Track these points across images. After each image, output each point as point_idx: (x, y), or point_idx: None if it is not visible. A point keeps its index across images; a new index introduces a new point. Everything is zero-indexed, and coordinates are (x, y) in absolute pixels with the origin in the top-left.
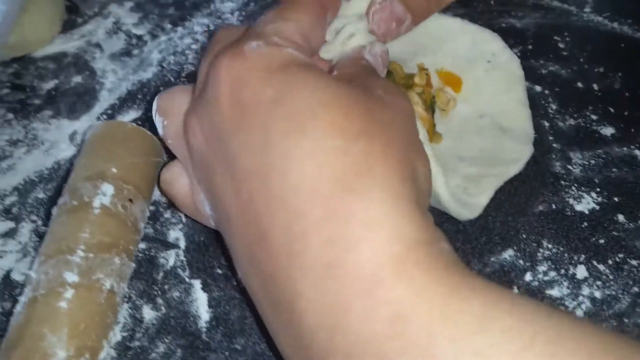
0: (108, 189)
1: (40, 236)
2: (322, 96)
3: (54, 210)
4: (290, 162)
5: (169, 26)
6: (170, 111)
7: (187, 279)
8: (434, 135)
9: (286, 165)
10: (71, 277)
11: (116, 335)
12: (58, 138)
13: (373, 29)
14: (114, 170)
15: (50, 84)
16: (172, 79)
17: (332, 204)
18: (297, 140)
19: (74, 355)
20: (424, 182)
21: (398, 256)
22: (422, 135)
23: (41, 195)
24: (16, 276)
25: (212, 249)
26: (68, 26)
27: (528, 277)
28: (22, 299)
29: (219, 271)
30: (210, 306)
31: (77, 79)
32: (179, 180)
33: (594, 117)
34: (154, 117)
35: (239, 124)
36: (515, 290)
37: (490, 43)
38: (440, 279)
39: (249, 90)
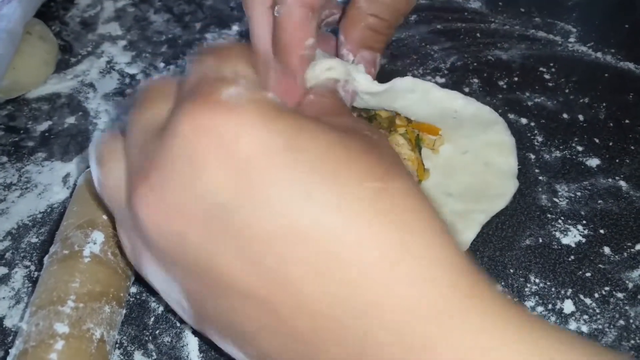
0: (98, 236)
1: (33, 282)
2: (336, 141)
3: (46, 259)
4: (331, 214)
5: (161, 64)
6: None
7: (178, 323)
8: (424, 172)
9: (327, 218)
10: (62, 327)
11: None
12: (51, 181)
13: None
14: (105, 217)
15: (44, 126)
16: None
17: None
18: (332, 189)
19: None
20: None
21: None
22: None
23: (34, 239)
24: (9, 323)
25: None
26: (62, 66)
27: None
28: (13, 351)
29: None
30: (201, 351)
31: (71, 119)
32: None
33: (579, 148)
34: (91, 167)
35: (242, 187)
36: None
37: (446, 102)
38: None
39: (247, 147)
